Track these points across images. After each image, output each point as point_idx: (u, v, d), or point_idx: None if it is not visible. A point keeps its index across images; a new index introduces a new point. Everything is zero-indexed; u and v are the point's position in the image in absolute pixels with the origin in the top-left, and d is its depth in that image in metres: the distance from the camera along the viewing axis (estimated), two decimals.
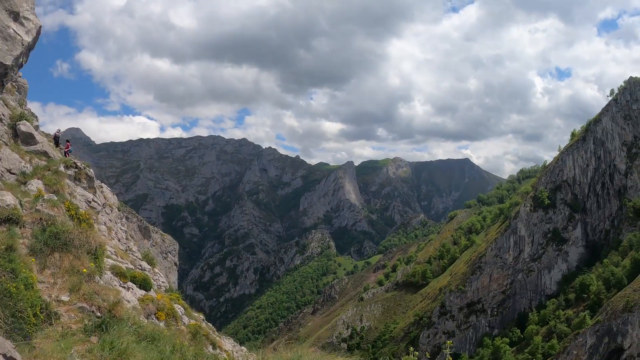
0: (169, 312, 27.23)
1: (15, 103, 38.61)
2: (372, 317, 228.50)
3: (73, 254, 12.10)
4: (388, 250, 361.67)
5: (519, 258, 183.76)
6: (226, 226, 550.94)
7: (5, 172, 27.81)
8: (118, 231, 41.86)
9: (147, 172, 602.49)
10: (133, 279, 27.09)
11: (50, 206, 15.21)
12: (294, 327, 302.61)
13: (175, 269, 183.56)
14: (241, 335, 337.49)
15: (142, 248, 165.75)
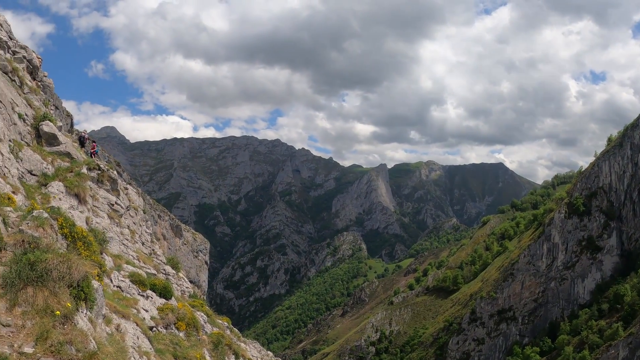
0: (189, 321, 26.87)
1: (39, 103, 38.50)
2: (402, 321, 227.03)
3: (49, 288, 10.63)
4: (419, 254, 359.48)
5: (552, 266, 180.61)
6: (258, 226, 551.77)
7: (25, 174, 27.67)
8: (142, 234, 41.49)
9: (180, 171, 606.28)
10: (153, 287, 26.73)
11: (36, 225, 13.52)
12: (323, 328, 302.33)
13: (206, 267, 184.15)
14: (269, 335, 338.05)
15: (174, 246, 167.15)
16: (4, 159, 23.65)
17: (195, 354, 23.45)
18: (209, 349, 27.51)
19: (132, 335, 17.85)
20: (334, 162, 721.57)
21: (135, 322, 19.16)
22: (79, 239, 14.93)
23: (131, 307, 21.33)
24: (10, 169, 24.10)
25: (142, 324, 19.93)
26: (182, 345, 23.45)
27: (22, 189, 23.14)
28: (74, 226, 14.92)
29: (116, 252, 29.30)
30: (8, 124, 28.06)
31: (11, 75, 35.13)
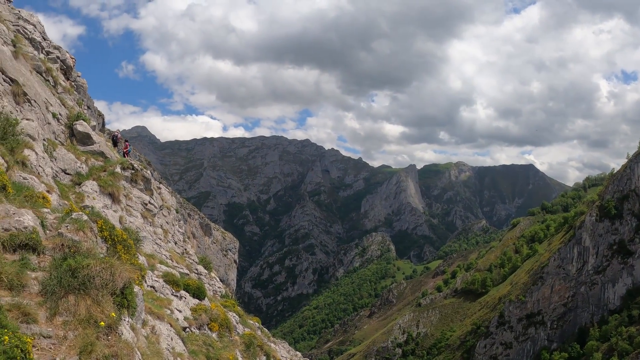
0: (222, 322, 26.87)
1: (73, 103, 38.68)
2: (429, 323, 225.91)
3: (92, 296, 10.00)
4: (448, 255, 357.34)
5: (582, 270, 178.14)
6: (287, 226, 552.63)
7: (60, 173, 27.82)
8: (175, 233, 41.68)
9: (210, 170, 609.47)
10: (186, 287, 26.80)
11: (76, 229, 12.93)
12: (350, 329, 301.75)
13: (234, 266, 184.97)
14: (296, 334, 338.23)
15: (203, 245, 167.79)
16: (38, 158, 23.71)
17: (227, 355, 23.45)
18: (241, 350, 27.52)
19: (166, 337, 17.88)
20: (363, 163, 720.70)
21: (169, 323, 19.20)
22: (119, 242, 14.57)
23: (165, 307, 21.38)
24: (44, 168, 24.16)
25: (175, 325, 19.99)
26: (214, 347, 23.47)
27: (56, 188, 23.17)
28: (114, 229, 14.64)
29: (149, 251, 29.47)
30: (42, 123, 28.20)
31: (45, 75, 35.35)
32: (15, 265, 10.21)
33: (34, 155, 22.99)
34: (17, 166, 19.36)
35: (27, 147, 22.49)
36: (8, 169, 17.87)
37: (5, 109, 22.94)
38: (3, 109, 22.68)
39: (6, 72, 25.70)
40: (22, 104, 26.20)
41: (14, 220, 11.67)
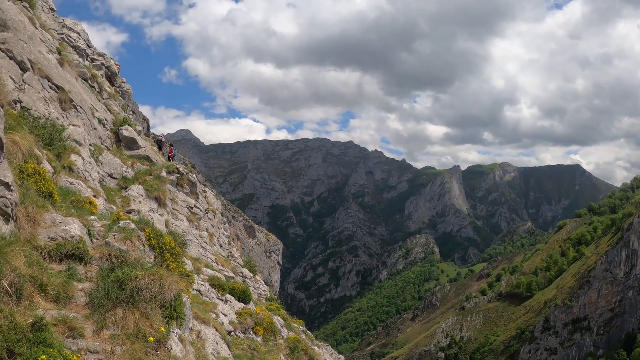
0: (267, 326, 26.93)
1: (118, 108, 39.19)
2: (473, 327, 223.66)
3: (140, 310, 9.84)
4: (493, 258, 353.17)
5: (630, 273, 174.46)
6: (330, 227, 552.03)
7: (106, 177, 28.23)
8: (220, 236, 41.89)
9: (254, 173, 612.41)
10: (232, 291, 26.95)
11: (123, 238, 12.94)
12: (392, 332, 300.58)
13: (278, 268, 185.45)
14: (339, 336, 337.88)
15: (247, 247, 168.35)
16: (84, 163, 23.99)
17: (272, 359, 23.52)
18: (286, 354, 27.54)
19: (211, 341, 17.97)
20: (407, 164, 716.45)
21: (214, 328, 19.30)
22: (167, 250, 15.01)
23: (210, 311, 21.53)
24: (91, 173, 24.45)
25: (220, 329, 20.07)
26: (259, 351, 23.54)
27: (102, 192, 23.43)
28: (162, 236, 14.51)
29: (195, 255, 29.73)
30: (88, 128, 28.56)
31: (90, 82, 35.86)
32: (62, 276, 10.09)
33: (81, 160, 23.25)
34: (63, 171, 19.54)
35: (73, 153, 22.76)
36: (55, 173, 18.03)
37: (52, 115, 23.22)
38: (50, 115, 22.97)
39: (52, 79, 26.03)
40: (69, 110, 26.52)
41: (61, 229, 11.59)
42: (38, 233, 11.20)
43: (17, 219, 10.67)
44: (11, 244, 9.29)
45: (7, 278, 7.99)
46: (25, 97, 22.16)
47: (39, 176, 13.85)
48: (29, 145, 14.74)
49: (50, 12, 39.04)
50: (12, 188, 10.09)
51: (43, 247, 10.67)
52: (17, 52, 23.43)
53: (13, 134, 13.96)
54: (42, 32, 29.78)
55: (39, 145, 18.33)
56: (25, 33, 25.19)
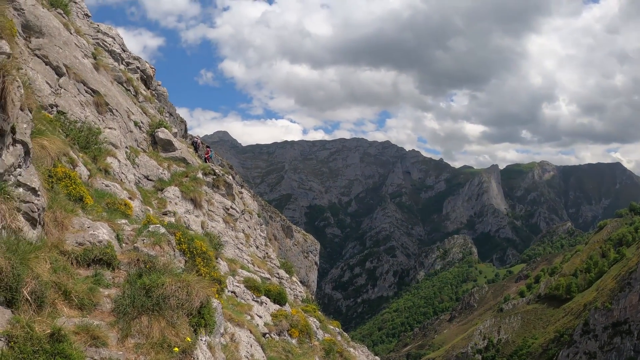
0: (302, 328, 26.99)
1: (154, 111, 39.60)
2: (511, 329, 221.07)
3: (166, 318, 9.64)
4: (532, 259, 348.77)
5: None
6: (368, 228, 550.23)
7: (142, 179, 28.56)
8: (257, 238, 42.12)
9: (291, 173, 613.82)
10: (267, 292, 27.07)
11: (152, 243, 12.77)
12: (429, 333, 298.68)
13: (315, 268, 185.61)
14: (375, 337, 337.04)
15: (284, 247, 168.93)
16: (120, 165, 24.35)
17: None
18: (321, 356, 27.54)
19: (245, 344, 18.03)
20: (445, 164, 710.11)
21: (249, 330, 19.38)
22: (198, 254, 15.04)
23: (245, 313, 21.67)
24: (127, 175, 24.79)
25: (255, 331, 20.17)
26: (294, 353, 23.55)
27: (138, 194, 23.74)
28: (193, 241, 15.01)
29: (231, 256, 29.93)
30: (124, 131, 28.97)
31: (126, 85, 36.35)
32: (88, 282, 10.08)
33: (117, 163, 23.67)
34: (99, 174, 19.87)
35: (109, 155, 23.19)
36: (90, 176, 18.25)
37: (88, 119, 23.62)
38: (86, 118, 23.36)
39: (88, 83, 26.43)
40: (104, 114, 26.96)
41: (89, 234, 11.62)
42: (66, 238, 11.21)
43: (44, 224, 10.78)
44: (36, 249, 9.28)
45: (27, 286, 7.97)
46: (61, 102, 22.54)
47: (70, 180, 14.01)
48: (58, 150, 14.91)
49: (85, 17, 39.61)
50: (39, 193, 10.29)
51: (70, 253, 10.67)
52: (53, 57, 23.82)
53: (42, 138, 14.14)
54: (77, 37, 30.21)
55: (74, 149, 18.64)
56: (60, 39, 25.59)
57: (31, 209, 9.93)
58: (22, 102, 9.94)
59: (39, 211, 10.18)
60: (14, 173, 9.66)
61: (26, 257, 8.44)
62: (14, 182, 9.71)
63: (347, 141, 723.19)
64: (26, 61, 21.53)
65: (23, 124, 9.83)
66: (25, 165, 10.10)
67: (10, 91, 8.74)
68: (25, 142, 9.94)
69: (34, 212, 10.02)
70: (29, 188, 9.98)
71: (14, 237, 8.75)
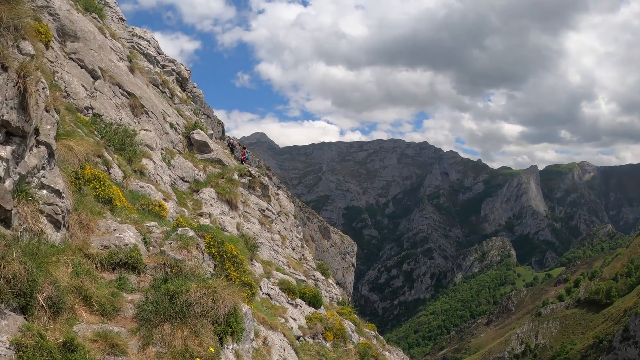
0: (337, 331, 26.89)
1: (190, 113, 39.88)
2: (549, 334, 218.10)
3: (190, 326, 9.23)
4: (571, 262, 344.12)
5: None
6: (405, 229, 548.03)
7: (178, 180, 28.78)
8: (293, 239, 42.15)
9: (329, 174, 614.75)
10: (302, 295, 27.05)
11: (179, 246, 12.36)
12: (466, 336, 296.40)
13: (352, 269, 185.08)
14: (411, 339, 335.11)
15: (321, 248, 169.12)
16: (156, 167, 24.48)
17: None
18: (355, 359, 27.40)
19: (278, 347, 17.94)
20: (483, 164, 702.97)
21: (282, 333, 19.30)
22: (228, 258, 14.69)
23: (279, 316, 21.61)
24: (162, 176, 24.92)
25: (289, 334, 20.10)
26: (328, 357, 23.48)
27: (173, 195, 23.90)
28: (223, 244, 14.65)
29: (266, 257, 30.02)
30: (160, 133, 29.19)
31: (161, 88, 36.70)
32: (111, 286, 9.77)
33: (152, 164, 23.82)
34: (134, 175, 20.02)
35: (145, 157, 23.34)
36: (125, 178, 18.31)
37: (124, 121, 23.86)
38: (121, 121, 23.57)
39: (123, 86, 26.68)
40: (140, 116, 27.20)
41: (114, 237, 11.41)
42: (91, 241, 11.04)
43: (69, 226, 10.65)
44: (59, 252, 9.12)
45: (44, 291, 7.75)
46: (96, 104, 22.83)
47: (99, 181, 13.94)
48: (86, 151, 14.81)
49: (119, 21, 40.11)
50: (64, 195, 10.19)
51: (95, 256, 10.49)
52: (88, 61, 24.13)
53: (68, 140, 14.09)
54: (112, 41, 30.63)
55: (109, 150, 18.87)
56: (95, 42, 25.93)
57: (55, 211, 9.78)
58: (48, 104, 9.90)
59: (63, 213, 10.03)
60: (37, 175, 9.57)
61: (46, 261, 8.22)
62: (38, 184, 9.62)
63: (384, 142, 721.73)
64: (62, 65, 21.93)
65: (47, 125, 9.80)
66: (49, 166, 10.03)
67: (32, 92, 8.68)
68: (49, 143, 9.89)
69: (58, 215, 9.86)
70: (52, 190, 9.88)
71: (36, 239, 8.60)
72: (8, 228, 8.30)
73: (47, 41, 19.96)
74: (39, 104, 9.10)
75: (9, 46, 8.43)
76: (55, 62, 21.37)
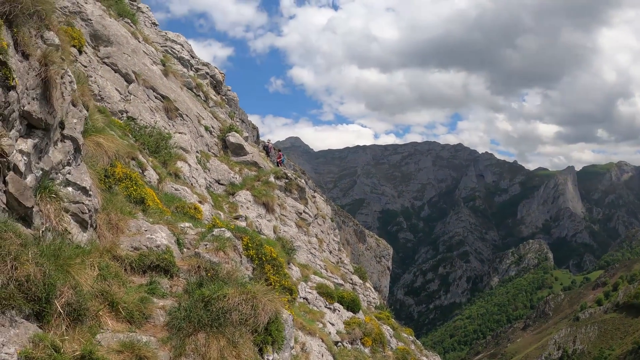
0: (376, 337, 26.63)
1: (225, 116, 39.97)
2: (587, 339, 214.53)
3: (227, 336, 8.46)
4: (610, 265, 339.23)
5: None
6: (441, 232, 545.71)
7: (213, 183, 28.68)
8: (330, 242, 42.03)
9: (363, 178, 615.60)
10: (340, 299, 26.70)
11: (216, 248, 11.61)
12: (502, 341, 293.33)
13: (387, 273, 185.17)
14: (447, 344, 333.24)
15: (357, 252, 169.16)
16: (191, 170, 24.56)
17: None
18: None
19: (316, 353, 17.70)
20: (519, 166, 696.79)
21: (320, 339, 19.10)
22: (267, 261, 14.19)
23: (317, 320, 21.39)
24: (197, 179, 25.02)
25: (327, 340, 19.89)
26: None
27: (209, 198, 24.02)
28: (262, 246, 14.19)
29: (304, 261, 30.02)
30: (195, 136, 29.28)
31: (195, 91, 36.95)
32: (141, 291, 9.12)
33: (187, 167, 23.92)
34: (169, 178, 20.12)
35: (180, 159, 23.47)
36: (160, 180, 18.26)
37: (158, 124, 23.96)
38: (156, 124, 23.63)
39: (157, 89, 26.89)
40: (174, 119, 27.42)
41: (145, 238, 10.87)
42: (120, 242, 10.44)
43: (96, 226, 10.14)
44: (84, 254, 8.53)
45: (62, 296, 7.03)
46: (131, 108, 23.04)
47: (130, 181, 13.50)
48: (116, 149, 14.34)
49: (152, 26, 40.55)
50: (91, 193, 9.75)
51: (124, 258, 9.89)
52: (122, 65, 24.41)
53: (97, 136, 13.60)
54: (145, 45, 30.97)
55: (144, 153, 18.97)
56: (128, 47, 26.24)
57: (81, 209, 9.28)
58: (75, 98, 9.51)
59: (89, 212, 9.55)
60: (62, 171, 9.11)
61: (68, 263, 7.56)
62: (63, 181, 9.14)
63: (418, 145, 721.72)
64: (95, 69, 22.24)
65: (73, 119, 9.43)
66: (75, 162, 9.58)
67: (56, 82, 8.24)
68: (75, 137, 9.46)
69: (84, 214, 9.37)
70: (79, 187, 9.42)
71: (60, 239, 8.03)
72: (29, 227, 7.75)
73: (80, 46, 20.27)
74: (65, 96, 8.71)
75: (32, 35, 8.05)
76: (89, 67, 21.62)
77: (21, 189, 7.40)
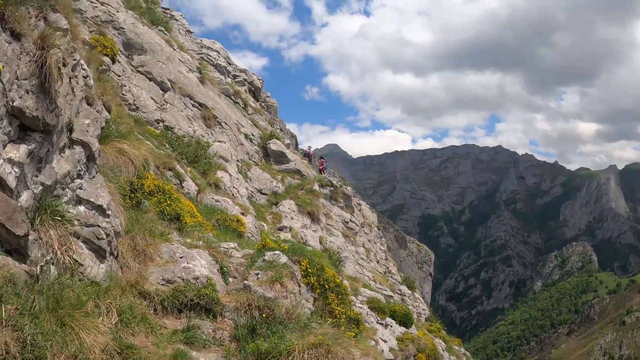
0: (430, 353, 25.72)
1: (265, 123, 39.39)
2: (634, 344, 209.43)
3: None
4: None
5: None
6: (482, 237, 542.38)
7: (255, 193, 27.81)
8: (377, 251, 41.32)
9: (403, 183, 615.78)
10: (393, 313, 25.57)
11: (270, 280, 9.51)
12: (546, 347, 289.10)
13: (429, 279, 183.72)
14: (489, 350, 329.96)
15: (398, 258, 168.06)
16: (232, 179, 23.96)
17: None
18: None
19: None
20: (559, 166, 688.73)
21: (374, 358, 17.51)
22: (330, 289, 12.10)
23: (369, 338, 19.96)
24: (239, 189, 24.50)
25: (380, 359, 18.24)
26: None
27: (251, 208, 23.57)
28: (323, 271, 12.09)
29: (351, 272, 29.61)
30: (235, 144, 28.85)
31: (234, 98, 36.77)
32: (176, 340, 7.15)
33: (227, 177, 23.67)
34: (209, 188, 20.05)
35: (220, 169, 23.39)
36: (199, 191, 17.65)
37: (197, 133, 23.80)
38: (194, 133, 23.44)
39: (194, 97, 26.67)
40: (213, 127, 27.26)
41: (180, 267, 8.85)
42: (149, 273, 8.41)
43: (118, 254, 8.19)
44: (98, 294, 6.60)
45: None
46: (167, 116, 22.96)
47: (164, 194, 11.63)
48: (144, 157, 12.02)
49: (187, 34, 40.67)
50: (109, 212, 7.81)
51: (154, 294, 7.89)
52: (157, 73, 24.33)
53: (120, 142, 11.30)
54: (180, 52, 30.92)
55: (182, 163, 18.49)
56: (163, 54, 26.21)
57: (96, 234, 7.34)
58: (90, 95, 7.63)
59: (108, 237, 7.60)
60: (70, 186, 7.23)
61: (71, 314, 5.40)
62: (72, 198, 7.26)
63: (457, 148, 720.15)
64: (129, 78, 21.81)
65: (85, 119, 7.51)
66: (88, 174, 7.66)
67: (60, 72, 6.39)
68: (87, 142, 7.48)
69: (101, 239, 7.41)
70: (93, 206, 7.49)
71: (68, 275, 6.08)
72: (24, 262, 5.83)
73: (113, 55, 19.97)
74: (75, 92, 6.86)
75: (31, 16, 6.23)
76: (123, 76, 21.44)
77: (9, 211, 5.46)
